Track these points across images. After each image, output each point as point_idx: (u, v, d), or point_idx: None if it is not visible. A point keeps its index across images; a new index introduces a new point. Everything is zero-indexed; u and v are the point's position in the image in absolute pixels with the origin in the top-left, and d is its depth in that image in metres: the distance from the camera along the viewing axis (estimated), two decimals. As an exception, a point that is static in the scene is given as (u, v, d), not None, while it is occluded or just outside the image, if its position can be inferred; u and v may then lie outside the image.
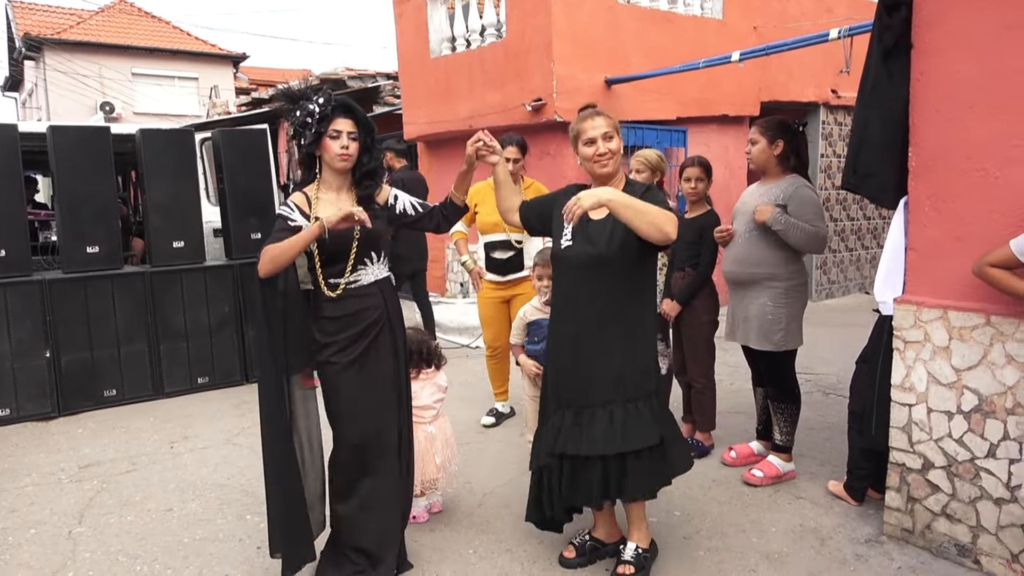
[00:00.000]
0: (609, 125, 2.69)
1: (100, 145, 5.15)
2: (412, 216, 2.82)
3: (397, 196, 2.81)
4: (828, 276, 9.00)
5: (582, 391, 2.65)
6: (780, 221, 3.35)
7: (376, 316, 2.69)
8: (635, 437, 2.57)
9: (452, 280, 8.64)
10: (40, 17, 21.58)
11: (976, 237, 2.66)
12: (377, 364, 2.70)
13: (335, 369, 2.67)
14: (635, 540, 2.79)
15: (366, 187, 2.71)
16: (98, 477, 3.93)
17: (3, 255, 4.82)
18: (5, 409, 4.84)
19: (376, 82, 11.06)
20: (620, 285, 2.61)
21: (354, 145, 2.62)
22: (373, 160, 2.71)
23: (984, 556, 2.72)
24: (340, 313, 2.65)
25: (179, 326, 5.45)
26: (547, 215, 2.86)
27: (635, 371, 2.63)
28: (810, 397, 4.96)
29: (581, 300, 2.64)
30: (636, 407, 2.60)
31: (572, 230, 2.67)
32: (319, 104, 2.57)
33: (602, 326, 2.61)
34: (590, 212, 2.57)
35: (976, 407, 2.70)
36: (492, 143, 2.73)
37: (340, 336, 2.65)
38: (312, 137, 2.58)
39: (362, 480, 2.71)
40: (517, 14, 6.80)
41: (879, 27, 2.89)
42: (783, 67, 8.02)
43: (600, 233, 2.62)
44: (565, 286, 2.72)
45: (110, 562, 3.01)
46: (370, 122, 2.70)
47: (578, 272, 2.65)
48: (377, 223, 2.68)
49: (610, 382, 2.61)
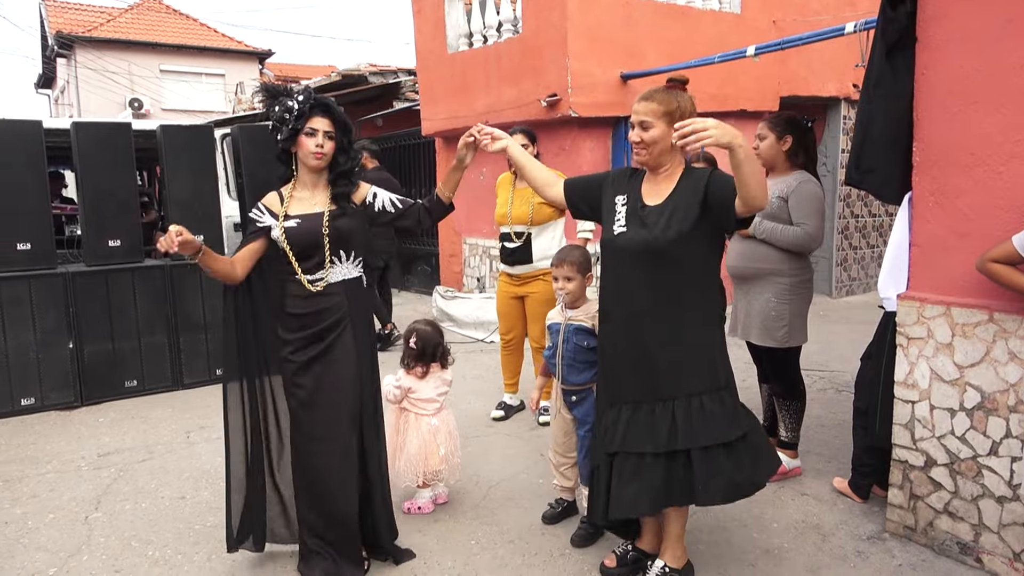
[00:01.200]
0: (648, 111, 2.43)
1: (122, 141, 5.26)
2: (392, 213, 2.81)
3: (376, 194, 2.80)
4: (848, 273, 8.90)
5: (639, 385, 2.48)
6: (761, 231, 3.38)
7: (337, 317, 2.67)
8: (703, 433, 2.37)
9: (469, 275, 8.69)
10: (72, 15, 22.00)
11: (979, 233, 2.64)
12: (335, 366, 2.68)
13: (291, 367, 2.70)
14: (666, 559, 2.65)
15: (341, 186, 2.71)
16: (116, 465, 4.04)
17: (29, 248, 4.95)
18: (30, 398, 4.98)
19: (397, 78, 11.13)
20: (676, 274, 2.42)
21: (329, 144, 2.64)
22: (349, 160, 2.71)
23: (986, 554, 2.70)
24: (302, 310, 2.66)
25: (198, 318, 5.56)
26: (595, 200, 2.68)
27: (697, 364, 2.44)
28: (823, 394, 4.94)
29: (635, 289, 2.47)
30: (701, 402, 2.41)
31: (625, 215, 2.51)
32: (298, 101, 2.59)
33: (657, 317, 2.43)
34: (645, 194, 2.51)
35: (979, 404, 2.68)
36: (487, 131, 2.69)
37: (299, 334, 2.67)
38: (288, 133, 2.61)
39: (309, 481, 2.73)
40: (533, 9, 6.82)
41: (883, 22, 2.87)
42: (803, 61, 7.94)
43: (656, 219, 2.44)
44: (617, 275, 2.54)
45: (123, 547, 3.11)
46: (348, 122, 2.71)
47: (631, 260, 2.47)
48: (346, 221, 2.68)
49: (670, 375, 2.43)
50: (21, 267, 4.92)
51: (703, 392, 2.43)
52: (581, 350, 2.96)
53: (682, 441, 2.38)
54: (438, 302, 7.66)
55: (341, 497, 2.72)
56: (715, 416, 2.41)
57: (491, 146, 2.69)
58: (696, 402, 2.41)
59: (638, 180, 2.60)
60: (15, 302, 4.90)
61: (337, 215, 2.67)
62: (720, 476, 2.38)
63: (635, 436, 2.45)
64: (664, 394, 2.44)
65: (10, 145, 4.84)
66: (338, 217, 2.67)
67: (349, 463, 2.73)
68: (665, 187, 2.50)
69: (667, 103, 2.44)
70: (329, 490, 2.71)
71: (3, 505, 3.55)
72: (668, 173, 2.51)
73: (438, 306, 7.62)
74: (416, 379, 3.29)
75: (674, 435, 2.39)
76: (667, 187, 2.49)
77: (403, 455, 3.24)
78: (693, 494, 2.40)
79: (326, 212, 2.66)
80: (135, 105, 19.92)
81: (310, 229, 2.62)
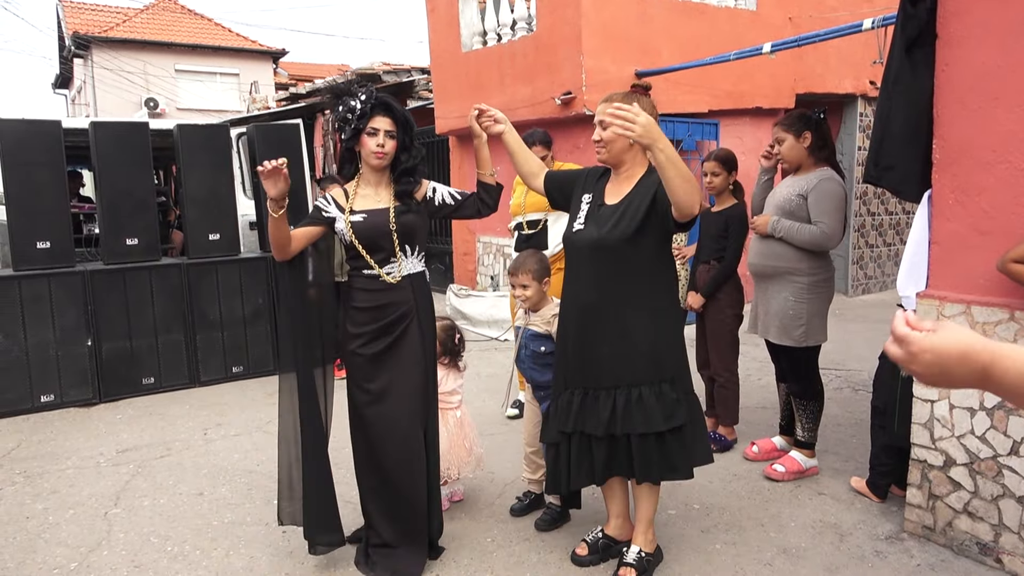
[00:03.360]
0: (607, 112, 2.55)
1: (139, 140, 5.31)
2: (452, 206, 2.86)
3: (435, 188, 2.85)
4: (864, 271, 8.84)
5: (586, 373, 2.65)
6: (778, 229, 3.38)
7: (404, 311, 2.72)
8: (637, 421, 2.56)
9: (483, 273, 8.70)
10: (88, 16, 22.20)
11: (1001, 231, 2.62)
12: (403, 359, 2.72)
13: (359, 361, 2.72)
14: (639, 543, 2.76)
15: (404, 183, 2.75)
16: (134, 461, 4.07)
17: (48, 247, 5.00)
18: (49, 395, 5.03)
19: (411, 76, 11.16)
20: (623, 271, 2.57)
21: (391, 143, 2.67)
22: (412, 158, 2.75)
23: (1006, 555, 2.68)
24: (370, 304, 2.70)
25: (215, 316, 5.61)
26: (568, 193, 2.83)
27: (640, 357, 2.59)
28: (840, 393, 4.91)
29: (584, 283, 2.64)
30: (641, 392, 2.57)
31: (585, 214, 2.67)
32: (360, 101, 2.62)
33: (604, 311, 2.60)
34: (606, 194, 2.65)
35: (999, 404, 2.65)
36: (489, 111, 2.74)
37: (368, 328, 2.70)
38: (351, 133, 2.65)
39: (382, 478, 2.75)
40: (547, 7, 6.81)
41: (903, 17, 2.84)
42: (820, 58, 7.89)
43: (608, 218, 2.60)
44: (573, 270, 2.72)
45: (142, 542, 3.14)
46: (410, 120, 2.75)
47: (583, 255, 2.65)
48: (411, 217, 2.72)
49: (612, 366, 2.60)
50: (41, 265, 4.98)
51: (643, 383, 2.59)
52: (538, 354, 3.09)
53: (620, 427, 2.58)
54: (452, 300, 7.67)
55: (413, 492, 2.75)
56: (651, 407, 2.57)
57: (491, 128, 2.77)
58: (636, 393, 2.58)
59: (605, 180, 2.75)
60: (35, 300, 4.95)
61: (402, 211, 2.71)
62: (652, 459, 2.60)
63: (583, 418, 2.65)
64: (607, 383, 2.61)
65: (30, 145, 4.89)
66: (403, 213, 2.71)
67: (419, 457, 2.76)
68: (625, 187, 2.65)
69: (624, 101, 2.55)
70: (404, 485, 2.73)
71: (24, 500, 3.59)
72: (628, 174, 2.66)
73: (452, 304, 7.63)
74: (444, 370, 3.31)
75: (613, 421, 2.59)
76: (626, 187, 2.64)
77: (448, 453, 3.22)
78: (632, 471, 2.64)
79: (391, 208, 2.70)
80: (151, 105, 20.08)
81: (376, 224, 2.66)
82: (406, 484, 2.74)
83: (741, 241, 3.82)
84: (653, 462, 2.60)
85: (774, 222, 3.40)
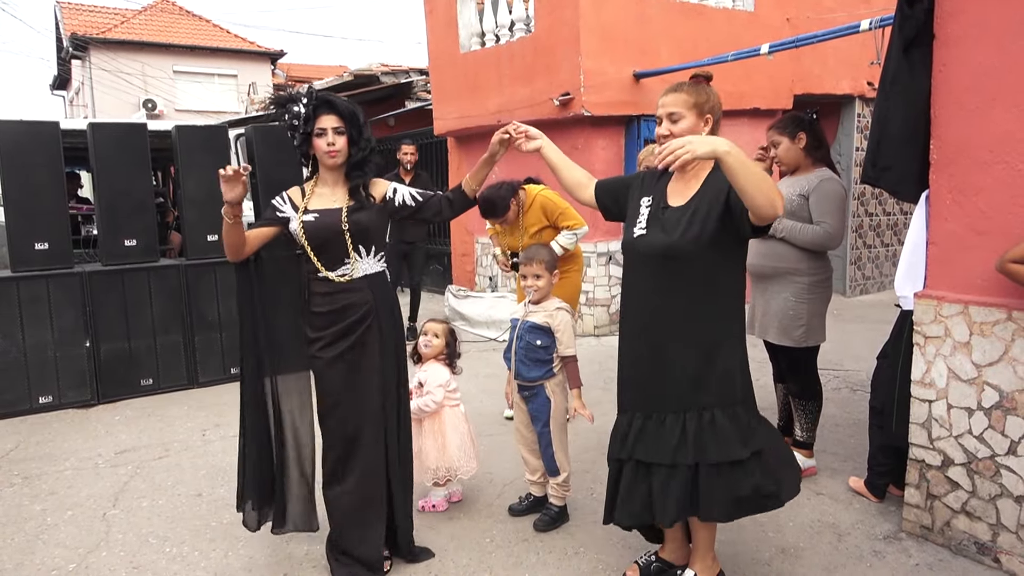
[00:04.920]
0: (678, 103, 2.36)
1: (138, 141, 5.29)
2: (412, 207, 2.80)
3: (396, 189, 2.80)
4: (863, 272, 8.85)
5: (651, 395, 2.41)
6: (779, 229, 3.38)
7: (363, 312, 2.67)
8: (711, 449, 2.30)
9: (481, 274, 8.70)
10: (86, 17, 22.19)
11: (998, 231, 2.62)
12: (363, 361, 2.69)
13: (320, 364, 2.70)
14: (696, 569, 2.55)
15: (355, 177, 2.69)
16: (133, 463, 4.07)
17: (46, 248, 4.99)
18: (48, 396, 5.03)
19: (409, 78, 11.16)
20: (695, 281, 2.32)
21: (341, 140, 2.62)
22: (360, 151, 2.68)
23: (1004, 554, 2.68)
24: (327, 307, 2.66)
25: (213, 317, 5.60)
26: (623, 200, 2.59)
27: (712, 377, 2.34)
28: (838, 393, 4.91)
29: (653, 295, 2.38)
30: (713, 416, 2.32)
31: (647, 218, 2.42)
32: (303, 104, 2.59)
33: (673, 325, 2.35)
34: (669, 195, 2.41)
35: (997, 403, 2.66)
36: (523, 130, 2.63)
37: (327, 331, 2.67)
38: (301, 139, 2.62)
39: (343, 479, 2.73)
40: (545, 8, 6.81)
41: (900, 18, 2.85)
42: (817, 59, 7.90)
43: (677, 222, 2.33)
44: (635, 279, 2.46)
45: (141, 543, 3.13)
46: (355, 113, 2.66)
47: (650, 264, 2.38)
48: (365, 215, 2.67)
49: (684, 387, 2.35)
50: (39, 267, 4.97)
51: (716, 406, 2.34)
52: (533, 348, 3.06)
53: (690, 456, 2.31)
54: (450, 301, 7.67)
55: (375, 496, 2.74)
56: (726, 432, 2.31)
57: (525, 145, 2.62)
58: (708, 416, 2.33)
59: (665, 181, 2.50)
60: (33, 301, 4.95)
61: (355, 209, 2.66)
62: (723, 492, 2.31)
63: (643, 446, 2.39)
64: (675, 406, 2.36)
65: (28, 146, 4.88)
66: (356, 211, 2.66)
67: (379, 460, 2.74)
68: (691, 187, 2.38)
69: (696, 95, 2.37)
70: (365, 488, 2.72)
71: (23, 502, 3.59)
72: (695, 171, 2.40)
73: (450, 305, 7.62)
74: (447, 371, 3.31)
75: (682, 449, 2.32)
76: (693, 187, 2.38)
77: (445, 452, 3.23)
78: (698, 508, 2.34)
79: (344, 207, 2.66)
80: (149, 106, 20.07)
81: (328, 223, 2.62)
82: (367, 488, 2.72)
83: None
84: (722, 495, 2.31)
85: (775, 222, 3.39)
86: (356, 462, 2.72)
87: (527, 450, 3.26)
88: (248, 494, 2.84)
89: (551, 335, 3.06)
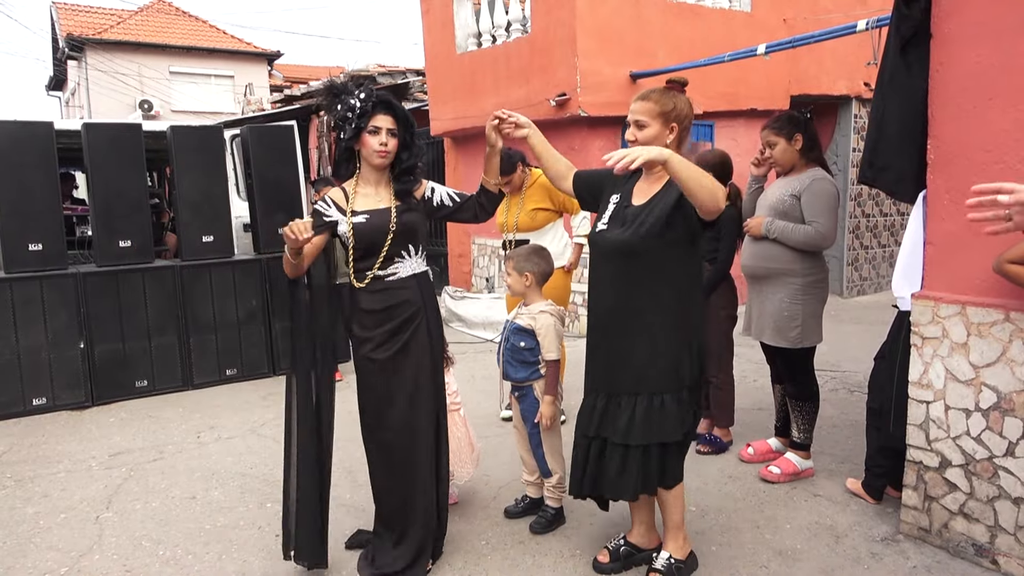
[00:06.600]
0: (644, 111, 2.50)
1: (132, 142, 5.27)
2: (450, 207, 2.82)
3: (434, 188, 2.81)
4: (860, 273, 8.85)
5: (610, 379, 2.59)
6: (772, 230, 3.37)
7: (413, 311, 2.68)
8: (656, 431, 2.50)
9: (478, 275, 8.69)
10: (82, 18, 22.12)
11: (996, 231, 2.61)
12: (413, 360, 2.69)
13: (372, 367, 2.69)
14: (669, 549, 2.70)
15: (404, 182, 2.72)
16: (127, 465, 4.04)
17: (40, 249, 4.97)
18: (41, 398, 5.00)
19: (406, 78, 11.15)
20: (649, 274, 2.49)
21: (393, 142, 2.64)
22: (412, 156, 2.71)
23: (1002, 556, 2.67)
24: (377, 307, 2.67)
25: (208, 319, 5.57)
26: (597, 193, 2.76)
27: (663, 364, 2.50)
28: (835, 395, 4.90)
29: (610, 286, 2.57)
30: (663, 401, 2.50)
31: (610, 215, 2.60)
32: (360, 99, 2.59)
33: (628, 314, 2.52)
34: (635, 194, 2.58)
35: (995, 404, 2.65)
36: (512, 118, 2.68)
37: (377, 331, 2.67)
38: (352, 132, 2.60)
39: (394, 482, 2.73)
40: (542, 9, 6.80)
41: (897, 17, 2.83)
42: (814, 60, 7.90)
43: (635, 218, 2.51)
44: (597, 271, 2.64)
45: (134, 546, 3.11)
46: (410, 118, 2.71)
47: (609, 258, 2.57)
48: (413, 216, 2.70)
49: (635, 372, 2.52)
50: (33, 268, 4.95)
51: (665, 392, 2.52)
52: (517, 349, 3.08)
53: (639, 437, 2.50)
54: (447, 302, 7.65)
55: (424, 494, 2.73)
56: (671, 416, 2.51)
57: (514, 133, 2.71)
58: (657, 400, 2.51)
59: (634, 180, 2.66)
60: (27, 302, 4.92)
61: (403, 210, 2.68)
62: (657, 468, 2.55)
63: (605, 424, 2.59)
64: (629, 389, 2.54)
65: (22, 147, 4.86)
66: (404, 212, 2.68)
67: (432, 457, 2.75)
68: (654, 188, 2.56)
69: (663, 103, 2.50)
70: (416, 488, 2.72)
71: (15, 504, 3.56)
72: (660, 174, 2.55)
73: (447, 306, 7.61)
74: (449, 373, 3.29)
75: (631, 430, 2.51)
76: (656, 187, 2.55)
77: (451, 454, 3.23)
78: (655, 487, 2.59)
79: (393, 208, 2.66)
80: (145, 107, 20.01)
81: (379, 225, 2.62)
82: (421, 485, 2.72)
83: (734, 243, 3.81)
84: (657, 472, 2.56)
85: (768, 223, 3.39)
86: (409, 458, 2.71)
87: (525, 449, 3.25)
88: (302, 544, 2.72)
89: (535, 337, 3.06)
